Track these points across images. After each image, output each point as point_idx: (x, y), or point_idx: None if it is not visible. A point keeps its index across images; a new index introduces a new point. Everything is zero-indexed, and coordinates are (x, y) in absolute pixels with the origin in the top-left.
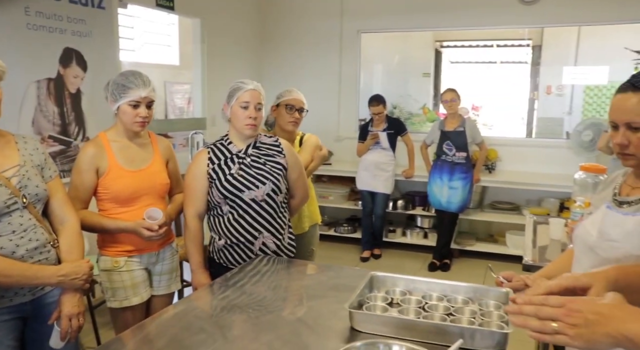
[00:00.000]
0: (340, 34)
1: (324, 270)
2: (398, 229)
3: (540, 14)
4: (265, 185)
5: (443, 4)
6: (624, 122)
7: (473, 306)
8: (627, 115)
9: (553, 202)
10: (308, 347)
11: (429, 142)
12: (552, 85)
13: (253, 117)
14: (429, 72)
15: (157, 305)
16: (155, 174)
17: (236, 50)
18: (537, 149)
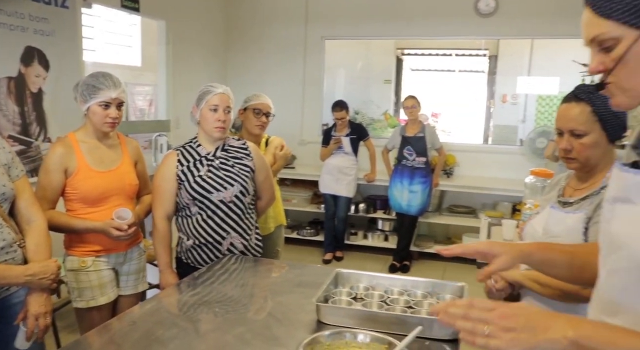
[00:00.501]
0: (305, 39)
1: (290, 269)
2: (360, 231)
3: (495, 27)
4: (234, 186)
5: (404, 14)
6: (568, 129)
7: (431, 299)
8: (571, 123)
9: (507, 206)
10: (278, 338)
11: (390, 147)
12: (507, 94)
13: (222, 120)
14: (390, 79)
15: (124, 306)
16: (124, 175)
17: (201, 53)
18: (492, 155)
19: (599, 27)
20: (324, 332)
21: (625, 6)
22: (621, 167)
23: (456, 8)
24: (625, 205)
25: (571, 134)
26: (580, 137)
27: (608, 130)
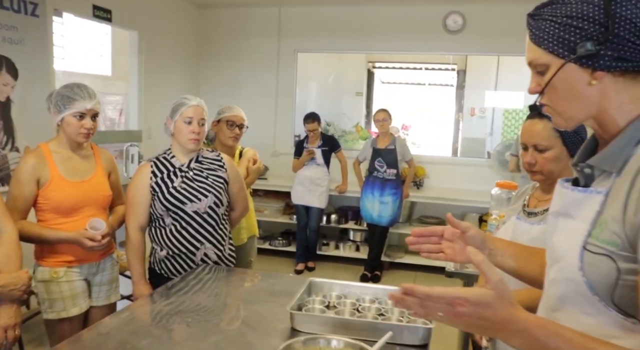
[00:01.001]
0: (278, 52)
1: (264, 278)
2: (331, 242)
3: (463, 43)
4: (208, 198)
5: (376, 29)
6: (532, 144)
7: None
8: (534, 139)
9: (474, 217)
10: (252, 346)
11: (362, 159)
12: (475, 107)
13: (196, 133)
14: (361, 92)
15: (96, 317)
16: (98, 186)
17: (173, 64)
18: (461, 167)
19: (533, 52)
20: (298, 338)
21: (551, 37)
22: (562, 183)
23: (426, 25)
24: (566, 219)
25: (535, 149)
26: (543, 151)
27: (568, 145)
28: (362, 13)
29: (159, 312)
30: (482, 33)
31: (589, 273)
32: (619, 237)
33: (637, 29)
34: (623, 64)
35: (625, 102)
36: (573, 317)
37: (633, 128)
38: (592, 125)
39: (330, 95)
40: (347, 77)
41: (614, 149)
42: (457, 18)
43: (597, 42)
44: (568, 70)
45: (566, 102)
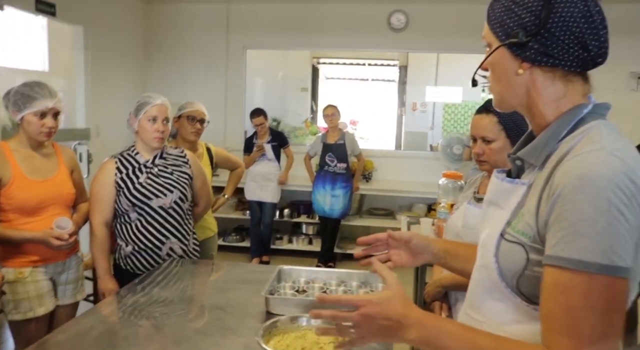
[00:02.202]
0: (227, 49)
1: (231, 268)
2: (285, 236)
3: (406, 41)
4: (173, 193)
5: (323, 26)
6: (480, 136)
7: (366, 289)
8: (482, 131)
9: (422, 207)
10: (232, 328)
11: (312, 154)
12: (416, 102)
13: (161, 131)
14: (306, 87)
15: (62, 315)
16: (62, 184)
17: (120, 61)
18: (406, 160)
19: (485, 28)
20: (280, 317)
21: (497, 18)
22: (496, 173)
23: (371, 23)
24: (495, 208)
25: (482, 141)
26: (489, 143)
27: (511, 137)
28: (311, 10)
29: (136, 303)
30: (425, 31)
31: (502, 260)
32: (531, 229)
33: (569, 29)
34: (549, 60)
35: (553, 98)
36: (487, 302)
37: (558, 124)
38: (526, 116)
39: (276, 92)
40: (292, 73)
41: (538, 143)
42: (401, 16)
43: (529, 33)
44: (502, 53)
45: (499, 84)
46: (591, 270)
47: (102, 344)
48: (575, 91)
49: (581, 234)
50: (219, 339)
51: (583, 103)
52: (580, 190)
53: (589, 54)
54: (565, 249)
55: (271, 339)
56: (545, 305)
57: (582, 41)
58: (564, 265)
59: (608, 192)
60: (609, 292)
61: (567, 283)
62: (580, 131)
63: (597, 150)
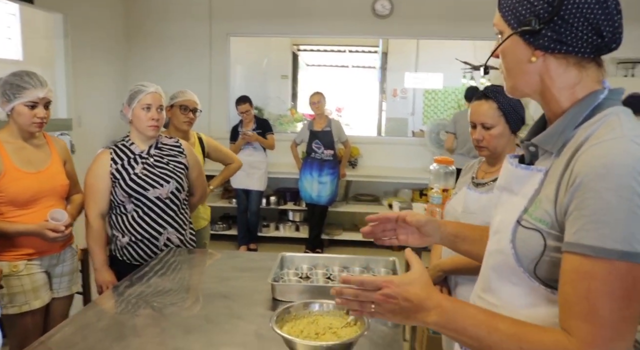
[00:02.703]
0: (210, 36)
1: (231, 256)
2: (272, 223)
3: (390, 27)
4: (170, 183)
5: (308, 12)
6: (480, 122)
7: (368, 274)
8: (481, 117)
9: (407, 192)
10: (239, 315)
11: (299, 141)
12: (397, 88)
13: (155, 119)
14: (287, 75)
15: (57, 308)
16: (55, 175)
17: (101, 49)
18: (391, 145)
19: (496, 16)
20: (293, 303)
21: (509, 6)
22: (509, 159)
23: (355, 9)
24: (509, 194)
25: (482, 126)
26: (489, 129)
27: (510, 123)
28: None
29: (140, 295)
30: (409, 18)
31: (519, 246)
32: (549, 216)
33: (583, 16)
34: (562, 47)
35: (568, 85)
36: (503, 286)
37: (574, 111)
38: (539, 102)
39: (256, 79)
40: (272, 60)
41: (554, 130)
42: (386, 3)
43: (542, 20)
44: (514, 41)
45: (512, 71)
46: (612, 257)
47: (111, 335)
48: (589, 77)
49: (603, 222)
50: (229, 326)
51: (598, 89)
52: (602, 178)
53: (603, 40)
54: (586, 237)
55: (284, 325)
56: (565, 291)
57: (597, 27)
58: (585, 253)
59: (630, 181)
60: (629, 278)
61: (588, 270)
62: (597, 118)
63: (618, 138)
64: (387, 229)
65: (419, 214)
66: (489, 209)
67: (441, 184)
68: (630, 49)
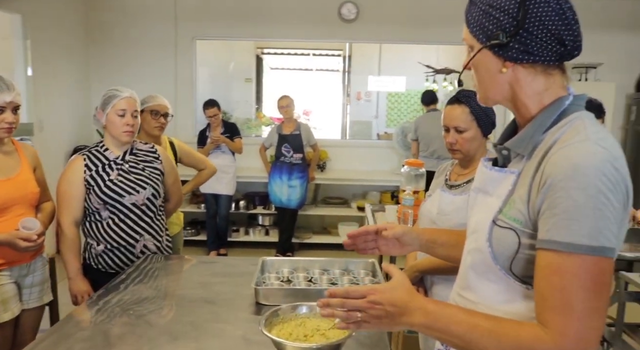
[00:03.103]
0: (175, 39)
1: (210, 262)
2: (241, 228)
3: (356, 31)
4: (146, 189)
5: (275, 16)
6: (453, 126)
7: (349, 276)
8: (454, 121)
9: (375, 194)
10: (227, 320)
11: (268, 145)
12: (361, 91)
13: (130, 124)
14: (251, 78)
15: (28, 320)
16: (26, 183)
17: (61, 51)
18: (358, 148)
19: (464, 32)
20: (281, 306)
21: (476, 22)
22: (483, 162)
23: (322, 13)
24: (484, 196)
25: (455, 130)
26: (462, 132)
27: (482, 127)
28: (261, 0)
29: (121, 303)
30: (375, 22)
31: (495, 245)
32: (523, 215)
33: (546, 27)
34: (530, 57)
35: (536, 92)
36: (481, 284)
37: (542, 116)
38: (510, 109)
39: (220, 83)
40: (236, 63)
41: (525, 135)
42: (352, 7)
43: (508, 34)
44: (484, 54)
45: (484, 82)
46: (582, 252)
47: (97, 345)
48: (555, 84)
49: (572, 219)
50: (216, 332)
51: (564, 95)
52: (571, 179)
53: (566, 48)
54: (557, 234)
55: (272, 328)
56: (540, 285)
57: (559, 37)
58: (557, 249)
59: (596, 180)
60: (597, 271)
61: (560, 264)
62: (564, 122)
63: (583, 140)
64: (368, 240)
65: (397, 226)
66: (462, 210)
67: (412, 186)
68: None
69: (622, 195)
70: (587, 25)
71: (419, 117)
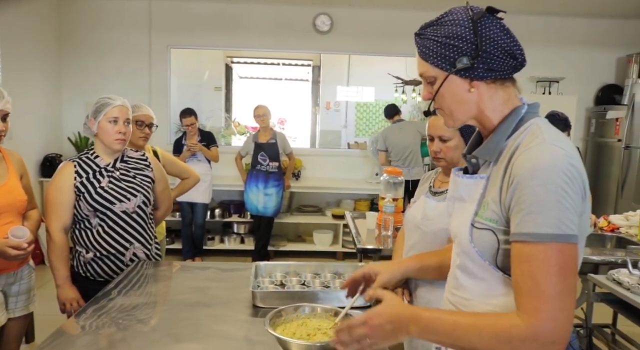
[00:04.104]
0: (150, 47)
1: (202, 268)
2: (216, 236)
3: (329, 42)
4: (137, 197)
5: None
6: (437, 135)
7: (340, 279)
8: (439, 131)
9: (349, 203)
10: (227, 322)
11: (244, 154)
12: (330, 101)
13: (123, 132)
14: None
15: (13, 329)
16: (13, 191)
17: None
18: (330, 157)
19: (423, 66)
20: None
21: (435, 54)
22: (455, 172)
23: (296, 24)
24: (460, 202)
25: (440, 139)
26: (446, 141)
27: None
28: (236, 10)
29: (120, 308)
30: (347, 34)
31: (477, 245)
32: (497, 214)
33: (499, 45)
34: (492, 74)
35: (497, 104)
36: (471, 282)
37: (504, 125)
38: (475, 124)
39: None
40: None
41: (491, 143)
42: (326, 19)
43: (471, 57)
44: (451, 80)
45: (452, 106)
46: (546, 240)
47: (102, 348)
48: (511, 95)
49: (536, 212)
50: (218, 333)
51: (519, 105)
52: (533, 177)
53: (517, 61)
54: (525, 226)
55: (276, 328)
56: (514, 274)
57: (510, 52)
58: (526, 239)
59: (555, 177)
60: (562, 256)
61: (528, 253)
62: (522, 129)
63: (541, 143)
64: (359, 284)
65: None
66: (445, 216)
67: (392, 194)
68: (547, 69)
69: (579, 188)
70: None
71: (386, 129)
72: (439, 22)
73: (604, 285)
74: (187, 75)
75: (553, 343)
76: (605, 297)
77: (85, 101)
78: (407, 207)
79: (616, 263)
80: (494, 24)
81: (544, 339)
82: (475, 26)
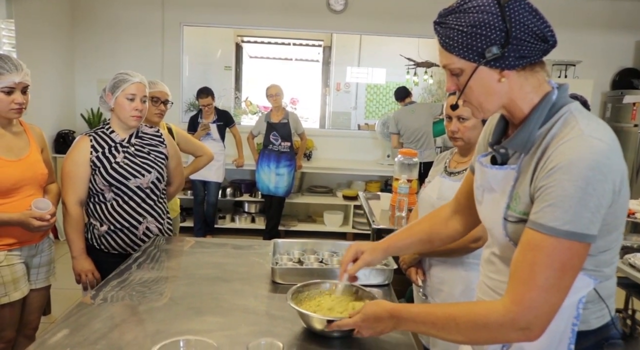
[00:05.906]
0: (162, 25)
1: (217, 245)
2: (227, 215)
3: (343, 22)
4: (151, 173)
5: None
6: (456, 115)
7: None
8: (458, 111)
9: (360, 184)
10: (247, 297)
11: (256, 133)
12: (340, 82)
13: (139, 109)
14: (230, 66)
15: (35, 300)
16: (35, 164)
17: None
18: (340, 138)
19: (446, 58)
20: (306, 282)
21: (461, 45)
22: (480, 160)
23: (310, 3)
24: (489, 193)
25: (458, 119)
26: (464, 121)
27: None
28: None
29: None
30: (362, 14)
31: (514, 237)
32: (528, 206)
33: (530, 30)
34: (524, 61)
35: (527, 92)
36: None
37: (535, 114)
38: (503, 112)
39: (200, 70)
40: (216, 51)
41: (523, 134)
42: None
43: (501, 45)
44: (480, 72)
45: (482, 98)
46: (560, 236)
47: (128, 320)
48: (540, 80)
49: (557, 206)
50: (240, 307)
51: (549, 90)
52: (566, 171)
53: (549, 43)
54: (542, 217)
55: (298, 303)
56: (516, 258)
57: (542, 35)
58: (539, 229)
59: (587, 173)
60: (569, 254)
61: (538, 244)
62: (556, 118)
63: (578, 136)
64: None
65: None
66: None
67: (406, 175)
68: (563, 52)
69: (612, 183)
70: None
71: (397, 111)
72: (461, 8)
73: (619, 269)
74: (198, 54)
75: (527, 329)
76: (620, 281)
77: (97, 78)
78: (421, 187)
79: (632, 248)
80: (522, 6)
81: (519, 324)
82: (503, 11)
